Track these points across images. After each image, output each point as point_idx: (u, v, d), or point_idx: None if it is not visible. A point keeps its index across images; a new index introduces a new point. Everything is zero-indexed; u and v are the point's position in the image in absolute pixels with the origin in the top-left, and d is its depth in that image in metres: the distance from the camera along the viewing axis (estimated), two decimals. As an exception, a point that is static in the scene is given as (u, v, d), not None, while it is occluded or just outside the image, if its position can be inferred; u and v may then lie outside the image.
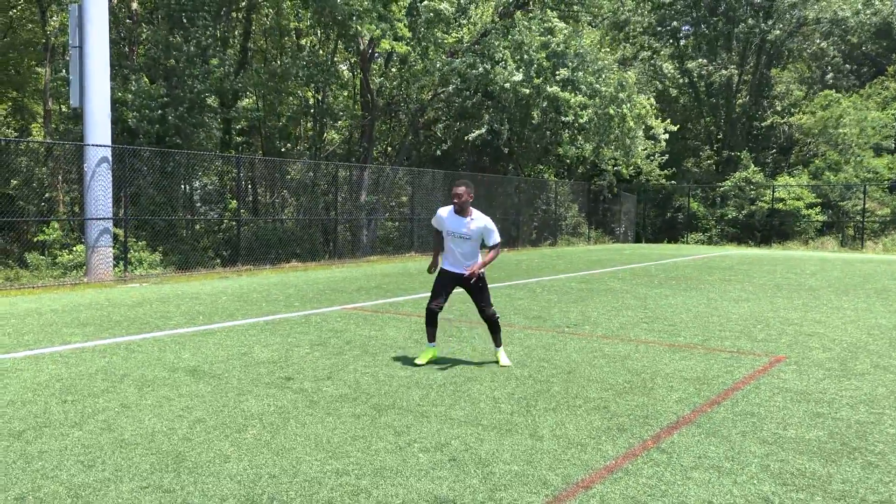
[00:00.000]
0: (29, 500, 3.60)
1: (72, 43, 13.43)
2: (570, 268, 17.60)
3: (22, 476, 3.92)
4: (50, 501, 3.59)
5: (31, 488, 3.76)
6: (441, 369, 6.52)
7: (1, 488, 3.76)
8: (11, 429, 4.72)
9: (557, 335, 8.32)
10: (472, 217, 6.71)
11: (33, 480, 3.86)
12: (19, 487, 3.77)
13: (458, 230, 6.70)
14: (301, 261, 18.56)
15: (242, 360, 6.79)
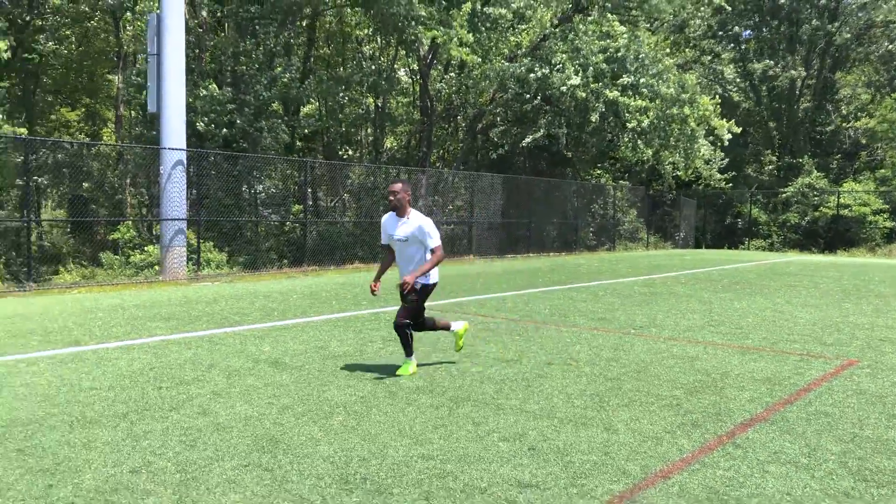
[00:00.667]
0: (143, 474, 3.89)
1: (150, 51, 14.01)
2: (630, 272, 17.56)
3: (132, 453, 4.22)
4: (161, 475, 3.87)
5: (143, 463, 4.05)
6: (511, 367, 6.68)
7: (116, 462, 4.06)
8: (115, 411, 5.05)
9: (624, 336, 8.39)
10: (408, 217, 6.26)
11: (143, 457, 4.15)
12: (132, 462, 4.06)
13: (393, 232, 6.31)
14: (363, 262, 18.92)
15: (320, 353, 7.06)
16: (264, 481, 3.82)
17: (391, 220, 6.35)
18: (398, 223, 6.27)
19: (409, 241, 6.22)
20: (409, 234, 6.19)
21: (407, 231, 6.20)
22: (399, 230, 6.24)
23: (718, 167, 32.18)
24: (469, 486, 3.80)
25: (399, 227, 6.25)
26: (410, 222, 6.21)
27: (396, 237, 6.26)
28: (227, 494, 3.64)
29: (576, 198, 28.32)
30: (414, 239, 6.19)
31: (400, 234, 6.23)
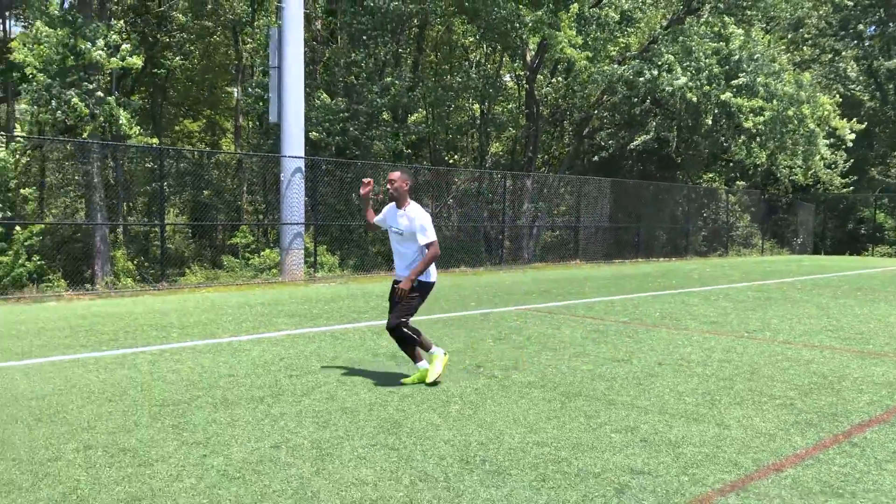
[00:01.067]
0: (283, 449, 4.28)
1: (271, 63, 14.83)
2: (744, 277, 17.14)
3: (272, 431, 4.63)
4: (299, 451, 4.25)
5: (282, 440, 4.45)
6: (622, 366, 6.78)
7: (258, 439, 4.47)
8: (252, 395, 5.51)
9: (736, 339, 8.31)
10: (405, 209, 5.92)
11: (281, 435, 4.55)
12: (272, 439, 4.47)
13: (392, 224, 6.01)
14: (469, 266, 19.26)
15: (439, 345, 7.37)
16: (391, 458, 4.13)
17: (391, 210, 6.05)
18: (397, 214, 5.97)
19: (404, 236, 5.91)
20: (406, 227, 5.86)
21: (404, 224, 5.88)
22: (397, 222, 5.94)
23: (841, 171, 30.77)
24: (583, 471, 3.99)
25: (398, 218, 5.94)
26: (408, 215, 5.88)
27: (394, 229, 5.98)
28: (360, 468, 3.97)
29: (686, 202, 27.75)
30: (410, 234, 5.86)
31: (398, 226, 5.92)
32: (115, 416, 4.90)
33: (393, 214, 6.00)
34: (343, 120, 19.55)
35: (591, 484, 3.80)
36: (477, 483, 3.79)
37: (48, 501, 3.48)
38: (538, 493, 3.67)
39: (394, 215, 5.99)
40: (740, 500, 3.62)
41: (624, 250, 24.73)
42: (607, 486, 3.78)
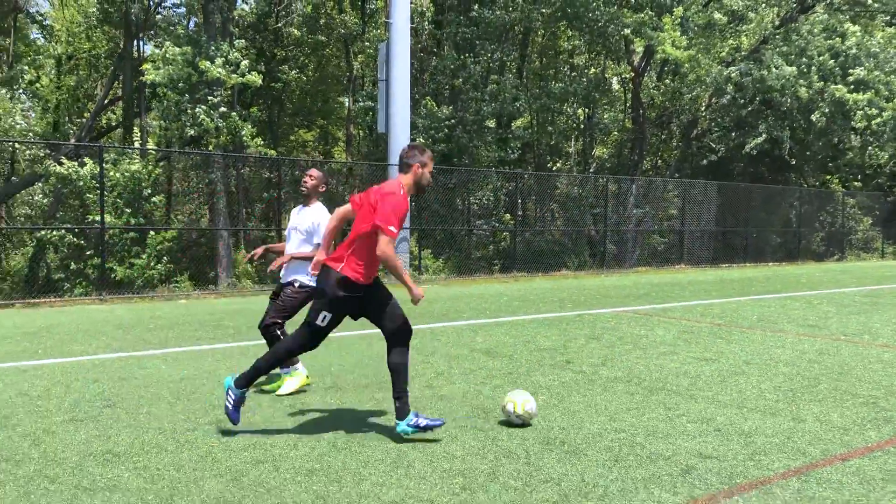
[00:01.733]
0: (383, 428, 4.83)
1: (380, 77, 15.63)
2: (855, 282, 16.61)
3: (374, 414, 5.20)
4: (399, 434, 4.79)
5: (384, 420, 5.00)
6: (709, 364, 7.00)
7: (362, 419, 5.05)
8: (358, 382, 6.12)
9: (832, 342, 8.31)
10: (311, 207, 5.74)
11: (384, 415, 5.12)
12: (375, 419, 5.03)
13: (294, 223, 5.77)
14: (570, 270, 19.49)
15: (527, 346, 7.81)
16: (479, 438, 4.61)
17: (297, 209, 5.89)
18: (301, 212, 5.81)
19: (300, 232, 5.71)
20: (307, 227, 5.67)
21: (306, 224, 5.69)
22: (299, 219, 5.75)
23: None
24: (654, 454, 4.33)
25: (300, 216, 5.77)
26: (312, 215, 5.69)
27: (295, 227, 5.76)
28: (450, 445, 4.47)
29: (799, 205, 26.87)
30: (309, 234, 5.67)
31: (299, 223, 5.73)
32: (241, 397, 5.60)
33: (297, 213, 5.84)
34: (449, 127, 20.20)
35: (661, 465, 4.15)
36: (554, 460, 4.21)
37: (189, 461, 4.16)
38: (610, 470, 4.06)
39: (298, 213, 5.83)
40: (801, 483, 3.89)
41: (732, 254, 24.25)
42: (675, 467, 4.12)
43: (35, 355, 7.28)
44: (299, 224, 5.72)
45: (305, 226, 5.68)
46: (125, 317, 10.19)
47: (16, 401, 5.47)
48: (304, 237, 5.68)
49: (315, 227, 5.64)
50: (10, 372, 6.49)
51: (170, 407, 5.32)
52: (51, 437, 4.57)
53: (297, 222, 5.74)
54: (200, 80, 16.12)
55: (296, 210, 5.89)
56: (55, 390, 5.80)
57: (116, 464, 4.11)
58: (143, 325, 9.30)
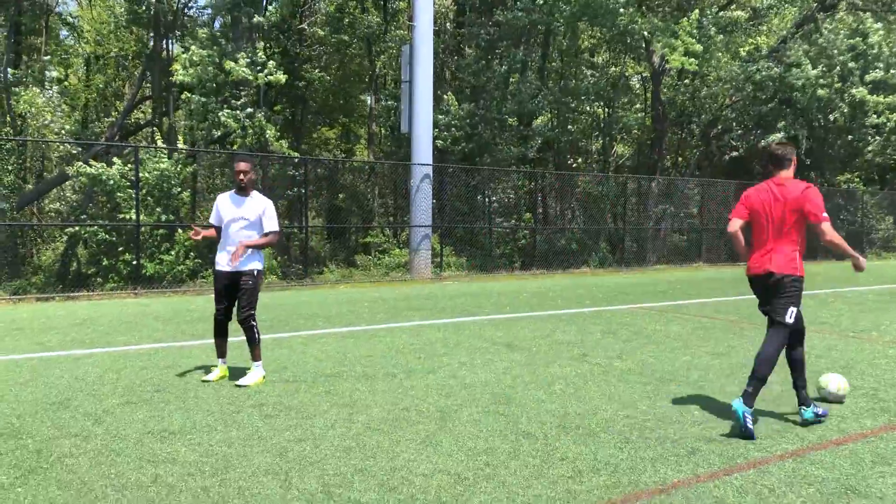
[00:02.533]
0: (413, 412, 5.24)
1: (403, 78, 16.04)
2: (872, 281, 16.80)
3: (403, 398, 5.61)
4: (425, 414, 5.19)
5: (412, 405, 5.41)
6: (719, 358, 7.34)
7: (392, 404, 5.47)
8: (387, 371, 6.54)
9: (841, 338, 8.61)
10: (251, 196, 6.05)
11: (411, 401, 5.53)
12: (404, 404, 5.45)
13: (239, 213, 5.99)
14: (589, 267, 19.81)
15: (546, 340, 8.18)
16: (500, 422, 5.00)
17: (234, 199, 6.08)
18: (243, 202, 6.05)
19: (251, 221, 6.01)
20: (254, 214, 6.00)
21: (252, 211, 6.00)
22: (245, 209, 6.01)
23: None
24: (662, 437, 4.71)
25: (243, 206, 6.02)
26: (256, 201, 6.04)
27: (242, 217, 6.00)
28: (474, 427, 4.87)
29: (818, 204, 26.92)
30: (257, 220, 6.02)
31: (244, 213, 6.00)
32: (278, 385, 6.04)
33: (238, 202, 6.04)
34: (472, 126, 20.57)
35: (668, 446, 4.52)
36: (570, 442, 4.60)
37: (238, 439, 4.59)
38: (621, 450, 4.44)
39: (239, 203, 6.03)
40: (796, 464, 4.24)
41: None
42: (681, 448, 4.49)
43: (83, 344, 7.77)
44: (244, 213, 6.00)
45: (254, 215, 6.00)
46: (161, 310, 10.69)
47: (74, 385, 5.94)
48: (247, 225, 6.00)
49: (262, 216, 6.01)
50: (64, 360, 6.98)
51: (214, 392, 5.76)
52: (111, 417, 5.03)
53: (242, 212, 6.00)
54: (227, 80, 16.62)
55: (226, 200, 6.09)
56: (108, 376, 6.27)
57: (173, 440, 4.55)
58: (180, 318, 9.79)
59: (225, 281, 6.03)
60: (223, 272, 6.02)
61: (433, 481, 3.92)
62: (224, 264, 6.02)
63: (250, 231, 6.02)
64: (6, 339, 8.15)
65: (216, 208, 6.12)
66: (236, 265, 5.95)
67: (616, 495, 3.76)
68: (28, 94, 19.12)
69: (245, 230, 6.01)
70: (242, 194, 6.05)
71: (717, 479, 3.99)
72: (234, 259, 5.86)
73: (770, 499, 3.73)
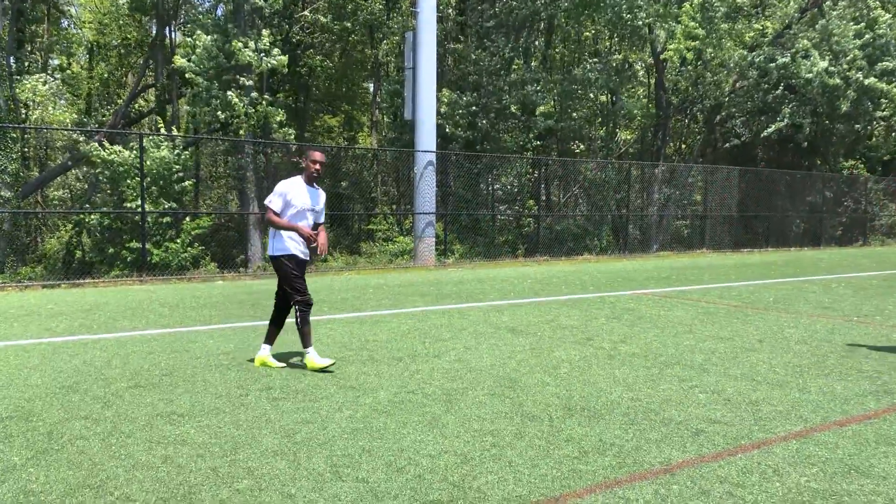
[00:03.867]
0: (419, 395, 5.29)
1: (407, 64, 16.02)
2: (875, 267, 16.81)
3: (409, 382, 5.65)
4: (432, 396, 5.24)
5: (418, 388, 5.45)
6: (724, 342, 7.37)
7: (399, 387, 5.51)
8: (393, 355, 6.58)
9: (844, 322, 8.64)
10: (320, 189, 6.21)
11: (418, 385, 5.57)
12: (410, 387, 5.49)
13: (315, 203, 6.09)
14: (592, 254, 19.83)
15: (550, 325, 8.22)
16: (505, 404, 5.04)
17: (309, 191, 6.06)
18: (317, 194, 6.13)
19: (316, 212, 6.12)
20: (321, 204, 6.18)
21: (321, 201, 6.17)
22: (317, 200, 6.12)
23: None
24: (667, 419, 4.74)
25: (318, 198, 6.14)
26: (322, 194, 6.22)
27: (316, 208, 6.09)
28: (480, 409, 4.91)
29: (822, 190, 26.92)
30: (321, 211, 6.17)
31: (318, 204, 6.12)
32: (285, 368, 6.08)
33: (313, 194, 6.08)
34: (473, 114, 20.55)
35: (673, 427, 4.56)
36: (575, 423, 4.64)
37: (246, 421, 4.64)
38: (626, 431, 4.48)
39: (314, 195, 6.10)
40: (800, 444, 4.28)
41: (754, 239, 24.44)
42: (685, 429, 4.52)
43: (91, 330, 7.82)
44: (316, 205, 6.07)
45: (321, 205, 6.11)
46: (167, 297, 10.74)
47: (83, 369, 6.00)
48: (316, 215, 6.08)
49: (323, 207, 6.17)
50: (72, 344, 7.04)
51: (221, 375, 5.81)
52: (120, 400, 5.08)
53: (314, 203, 6.06)
54: (230, 65, 16.60)
55: (300, 189, 6.00)
56: (115, 361, 6.32)
57: (182, 423, 4.59)
58: (185, 304, 9.84)
59: (304, 269, 6.11)
60: (303, 260, 6.06)
61: (440, 461, 3.96)
62: (304, 251, 6.06)
63: (318, 219, 6.13)
64: (15, 324, 8.21)
65: (285, 196, 5.95)
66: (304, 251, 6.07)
67: (621, 475, 3.80)
68: (31, 82, 19.11)
69: (316, 220, 6.11)
70: (314, 185, 6.09)
71: (722, 460, 4.02)
72: (324, 248, 5.97)
73: (774, 478, 3.76)
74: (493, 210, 21.42)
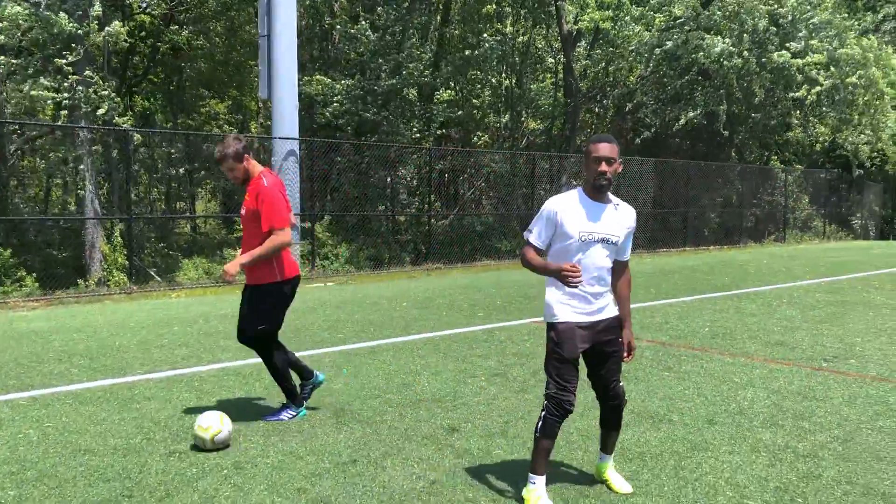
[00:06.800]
0: None
1: (260, 32, 13.04)
2: (809, 272, 14.86)
3: None
4: None
5: None
6: (658, 431, 4.82)
7: None
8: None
9: (813, 373, 6.26)
10: (615, 203, 3.66)
11: None
12: None
13: (609, 231, 3.58)
14: (493, 258, 17.31)
15: (402, 395, 5.48)
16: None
17: (586, 204, 3.59)
18: (603, 210, 3.60)
19: (615, 245, 3.61)
20: (628, 229, 3.66)
21: (626, 225, 3.65)
22: (615, 225, 3.61)
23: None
24: None
25: (605, 216, 3.60)
26: (625, 208, 3.69)
27: (601, 232, 3.55)
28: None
29: (740, 184, 25.27)
30: (620, 242, 3.65)
31: (616, 233, 3.60)
32: None
33: (592, 211, 3.59)
34: (352, 99, 17.71)
35: None
36: None
37: None
38: None
39: (595, 212, 3.59)
40: None
41: (670, 238, 22.45)
42: None
43: None
44: (616, 229, 3.65)
45: (628, 225, 3.74)
46: None
47: None
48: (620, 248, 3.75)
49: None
50: None
51: None
52: None
53: (615, 229, 3.65)
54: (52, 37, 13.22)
55: (568, 200, 3.59)
56: None
57: None
58: None
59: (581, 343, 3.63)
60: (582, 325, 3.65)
61: None
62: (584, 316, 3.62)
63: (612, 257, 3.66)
64: None
65: (554, 212, 3.59)
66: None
67: None
68: None
69: (608, 257, 3.63)
70: (603, 200, 3.63)
71: None
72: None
73: None
74: (379, 210, 18.65)
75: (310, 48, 22.37)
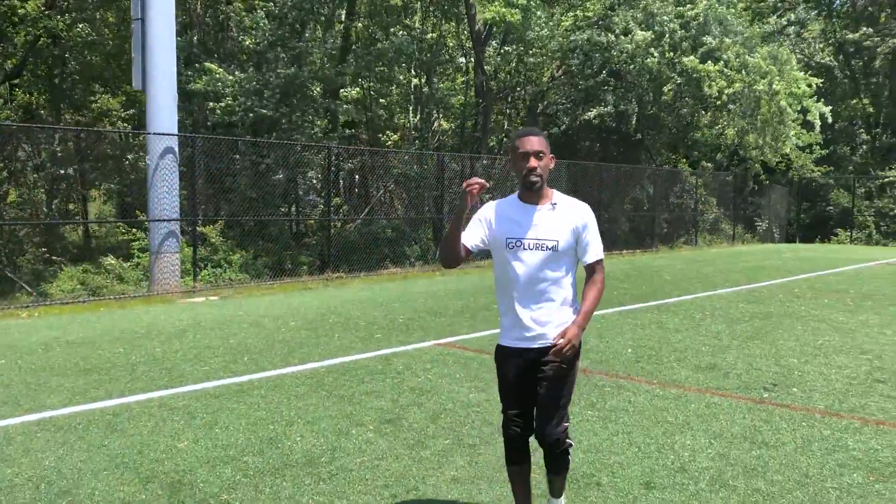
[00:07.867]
0: None
1: (133, 15, 11.55)
2: (726, 279, 14.36)
3: None
4: None
5: None
6: (584, 498, 3.82)
7: None
8: None
9: (754, 408, 5.42)
10: (553, 203, 3.17)
11: None
12: None
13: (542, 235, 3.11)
14: (399, 266, 16.20)
15: (261, 459, 4.31)
16: None
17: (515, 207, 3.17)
18: (533, 212, 3.13)
19: (553, 251, 3.08)
20: (557, 233, 3.10)
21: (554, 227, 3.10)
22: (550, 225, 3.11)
23: (818, 155, 28.65)
24: None
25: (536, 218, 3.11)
26: (569, 206, 3.17)
27: (530, 238, 3.09)
28: None
29: (651, 186, 24.97)
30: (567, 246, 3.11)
31: (552, 234, 3.09)
32: None
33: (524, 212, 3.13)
34: (250, 93, 16.30)
35: None
36: None
37: None
38: None
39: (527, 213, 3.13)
40: None
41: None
42: None
43: None
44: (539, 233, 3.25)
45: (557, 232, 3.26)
46: None
47: None
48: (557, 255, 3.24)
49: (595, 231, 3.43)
50: None
51: None
52: None
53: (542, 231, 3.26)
54: None
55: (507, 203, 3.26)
56: None
57: None
58: None
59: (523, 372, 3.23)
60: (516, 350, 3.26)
61: None
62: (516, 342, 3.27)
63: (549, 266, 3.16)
64: None
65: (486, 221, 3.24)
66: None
67: None
68: None
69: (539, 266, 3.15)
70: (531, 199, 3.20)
71: None
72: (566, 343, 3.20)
73: None
74: (289, 212, 17.17)
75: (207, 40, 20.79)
